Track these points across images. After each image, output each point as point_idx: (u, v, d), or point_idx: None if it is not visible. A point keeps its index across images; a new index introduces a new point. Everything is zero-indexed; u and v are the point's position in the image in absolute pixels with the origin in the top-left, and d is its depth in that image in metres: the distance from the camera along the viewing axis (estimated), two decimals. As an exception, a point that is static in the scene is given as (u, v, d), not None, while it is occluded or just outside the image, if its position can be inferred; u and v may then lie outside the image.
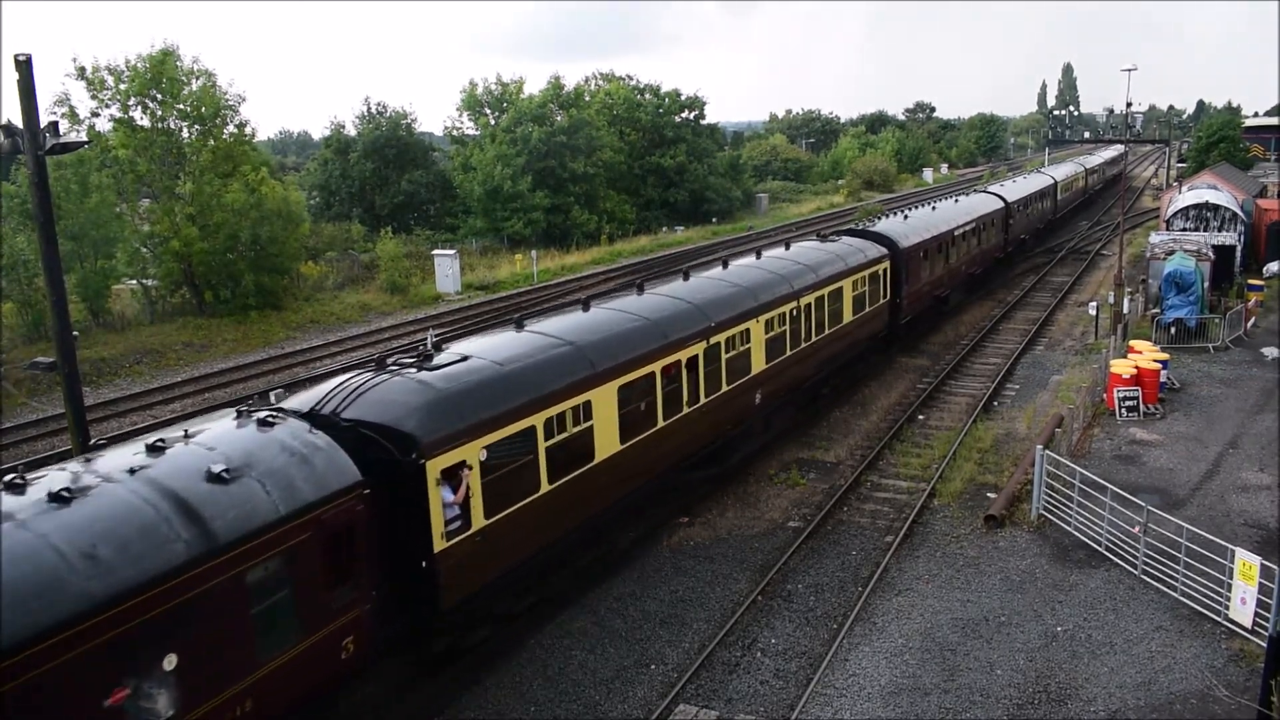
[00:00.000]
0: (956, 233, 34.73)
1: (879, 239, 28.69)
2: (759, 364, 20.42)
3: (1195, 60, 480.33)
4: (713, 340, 18.49)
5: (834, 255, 25.42)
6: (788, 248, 25.94)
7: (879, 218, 34.19)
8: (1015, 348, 31.87)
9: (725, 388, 19.05)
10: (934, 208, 37.25)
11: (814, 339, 23.06)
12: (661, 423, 17.01)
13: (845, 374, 26.40)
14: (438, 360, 13.78)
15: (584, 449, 14.98)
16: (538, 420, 13.81)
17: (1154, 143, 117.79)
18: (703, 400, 18.21)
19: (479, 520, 12.57)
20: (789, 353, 21.72)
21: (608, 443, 15.52)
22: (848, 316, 25.26)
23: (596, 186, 62.48)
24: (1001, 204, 42.62)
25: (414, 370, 13.20)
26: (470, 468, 12.35)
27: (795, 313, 21.91)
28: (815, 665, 13.92)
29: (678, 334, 17.59)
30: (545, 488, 14.02)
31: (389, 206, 58.50)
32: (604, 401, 15.35)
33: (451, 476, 12.05)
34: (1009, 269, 45.81)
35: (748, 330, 19.96)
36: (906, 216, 33.51)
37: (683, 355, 17.56)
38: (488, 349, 14.73)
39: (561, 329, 16.21)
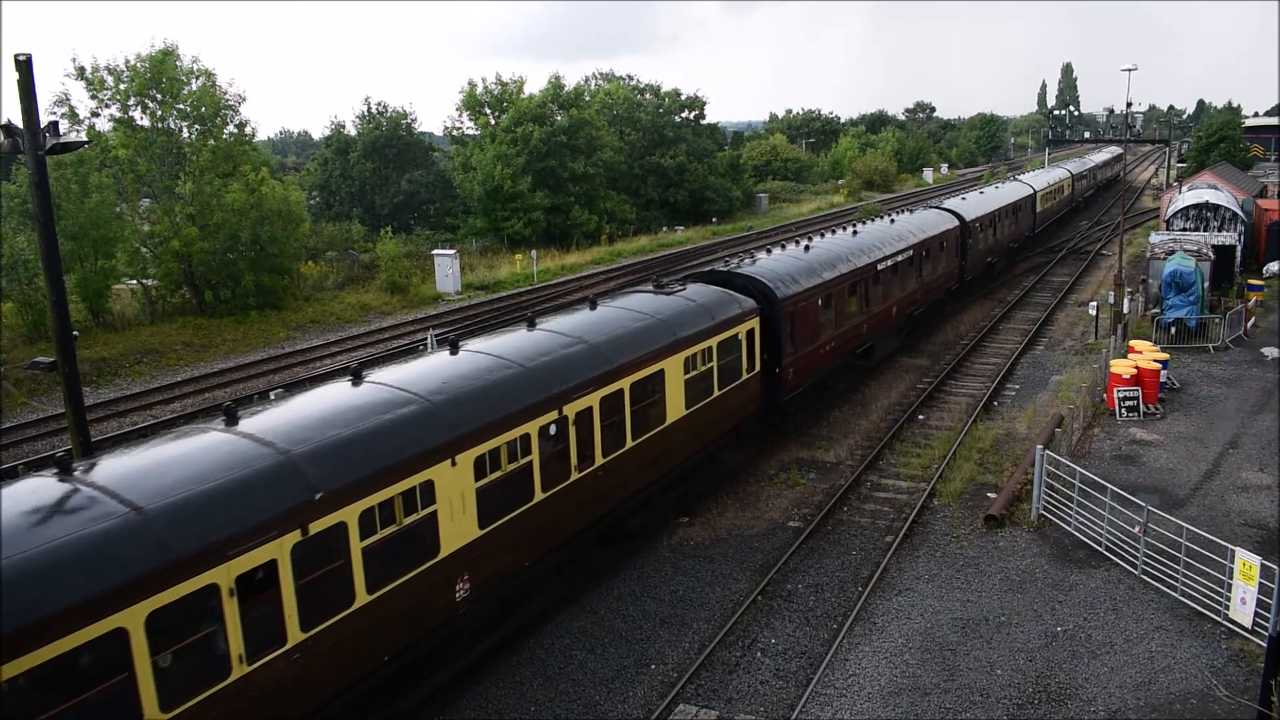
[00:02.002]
0: (884, 265, 27.93)
1: (749, 286, 21.27)
2: (535, 494, 13.97)
3: (1195, 60, 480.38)
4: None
5: (654, 321, 17.61)
6: (593, 307, 18.10)
7: (758, 254, 25.65)
8: (1015, 348, 31.86)
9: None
10: (855, 231, 29.98)
11: (610, 456, 15.64)
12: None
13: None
14: None
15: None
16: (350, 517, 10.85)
17: (1154, 143, 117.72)
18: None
19: None
20: (556, 489, 14.41)
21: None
22: (675, 410, 17.44)
23: (596, 186, 62.49)
24: (956, 223, 35.96)
25: None
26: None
27: (580, 419, 14.94)
28: (815, 665, 13.92)
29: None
30: (359, 601, 11.05)
31: (389, 206, 58.50)
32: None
33: None
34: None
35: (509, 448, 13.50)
36: (808, 247, 26.05)
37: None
38: (301, 408, 12.10)
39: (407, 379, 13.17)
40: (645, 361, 16.59)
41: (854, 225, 31.57)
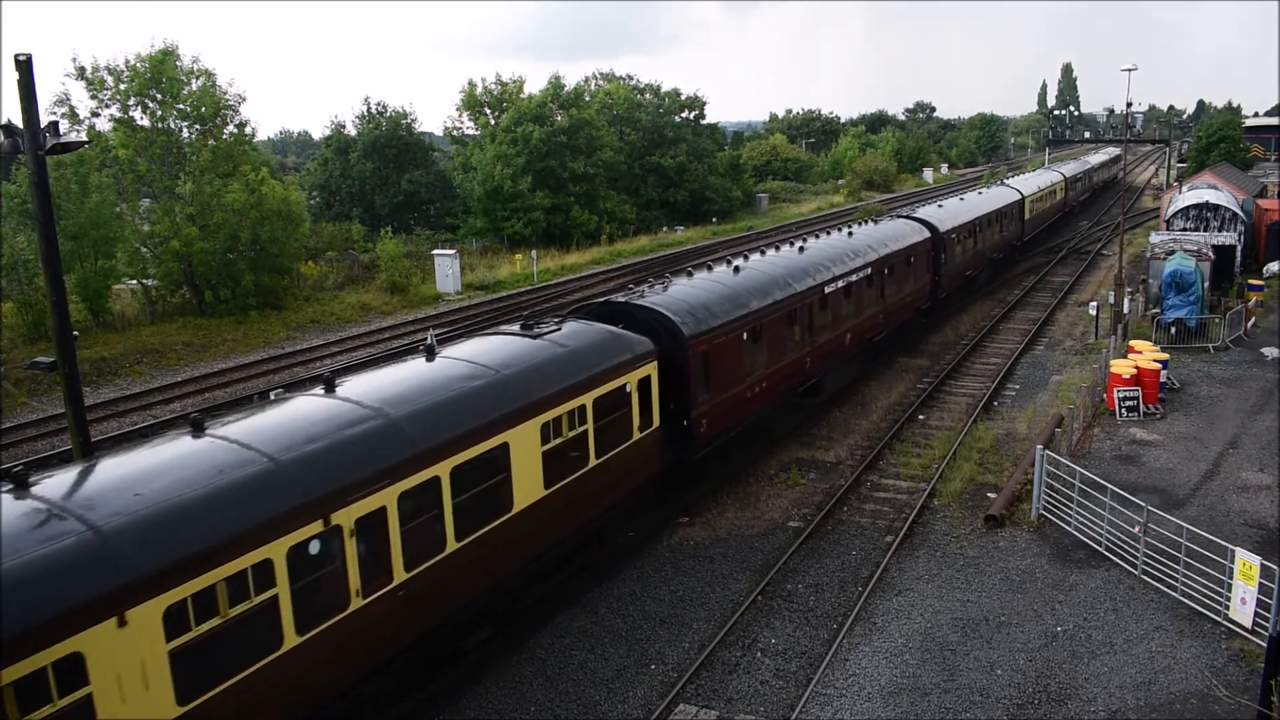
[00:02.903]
0: (834, 288, 24.11)
1: (650, 322, 17.65)
2: (285, 639, 10.18)
3: (1195, 60, 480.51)
4: None
5: (497, 379, 13.61)
6: (430, 357, 14.27)
7: (677, 278, 21.15)
8: (1015, 348, 31.86)
9: None
10: (801, 248, 25.39)
11: (418, 569, 11.78)
12: None
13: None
14: None
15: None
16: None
17: (1154, 143, 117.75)
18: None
19: None
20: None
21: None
22: (527, 493, 13.58)
23: (596, 186, 62.49)
24: (927, 234, 32.07)
25: None
26: None
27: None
28: (815, 665, 13.91)
29: None
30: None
31: (389, 206, 58.51)
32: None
33: None
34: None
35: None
36: (738, 269, 22.11)
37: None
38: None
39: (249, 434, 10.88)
40: (477, 436, 12.49)
41: (802, 241, 27.04)
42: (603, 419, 15.23)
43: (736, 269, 22.11)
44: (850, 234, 28.94)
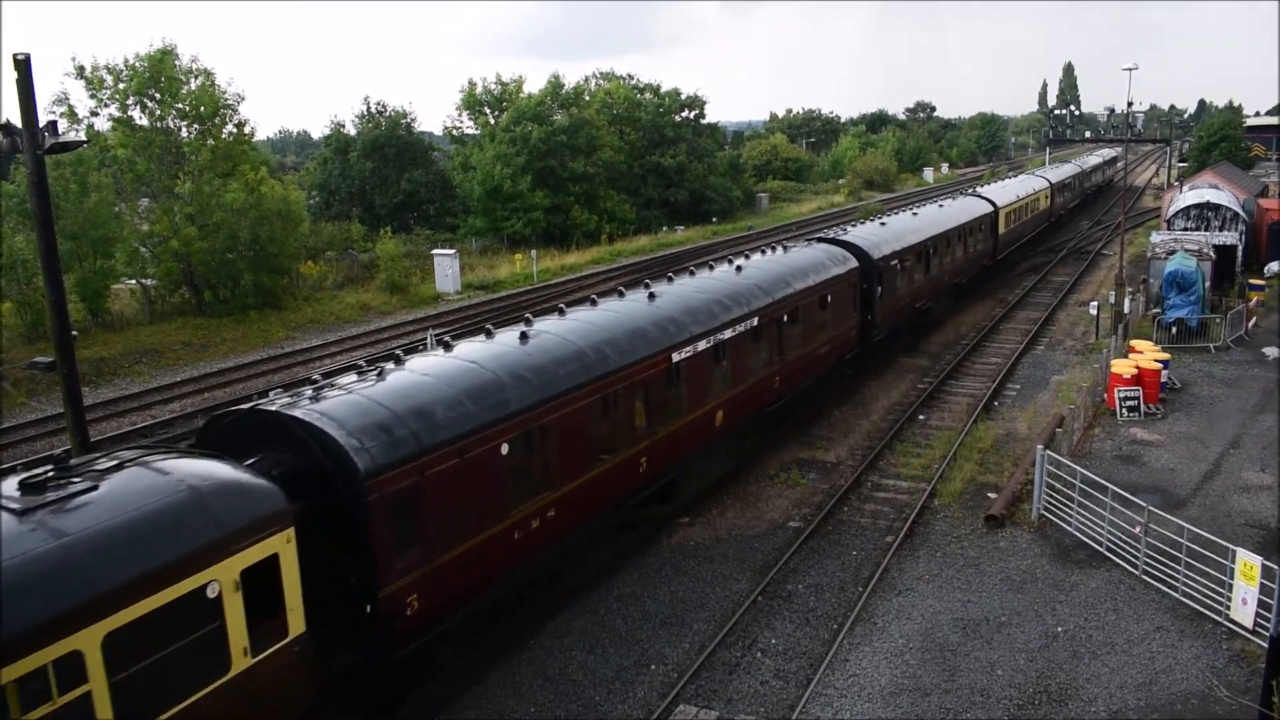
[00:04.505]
0: (686, 355, 17.62)
1: (312, 445, 11.22)
2: None
3: (1195, 60, 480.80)
4: None
5: None
6: None
7: (389, 366, 13.89)
8: (1016, 348, 31.83)
9: None
10: (652, 295, 18.79)
11: None
12: None
13: None
14: None
15: None
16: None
17: (1155, 142, 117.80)
18: None
19: None
20: None
21: None
22: None
23: (596, 186, 62.46)
24: (854, 264, 25.62)
25: None
26: None
27: None
28: (815, 665, 13.89)
29: None
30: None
31: (389, 206, 58.49)
32: None
33: None
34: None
35: None
36: (525, 335, 15.40)
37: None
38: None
39: None
40: None
41: (662, 283, 20.37)
42: (134, 663, 8.62)
43: (524, 335, 15.31)
44: (739, 269, 22.13)
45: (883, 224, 31.27)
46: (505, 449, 13.20)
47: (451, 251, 46.23)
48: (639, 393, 16.40)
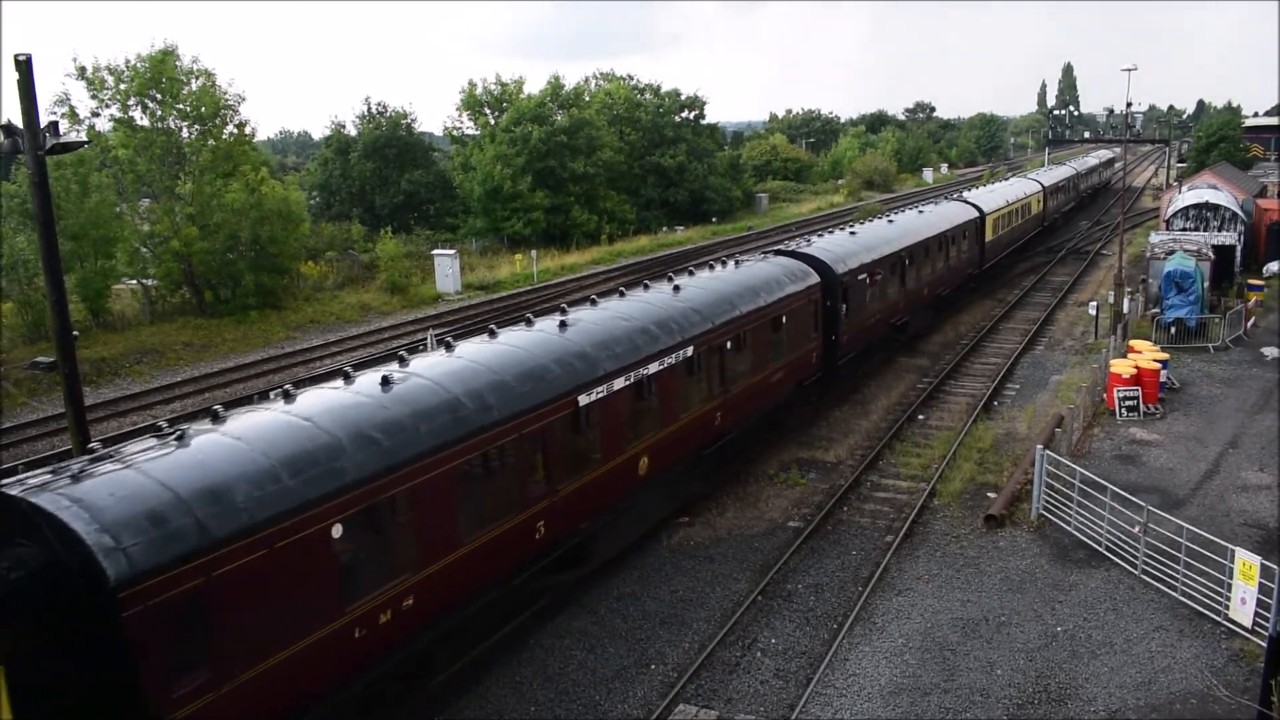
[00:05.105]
0: (595, 396, 15.24)
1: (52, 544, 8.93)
2: None
3: (1195, 60, 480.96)
4: None
5: None
6: None
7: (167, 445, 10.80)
8: (1015, 348, 31.86)
9: None
10: (562, 322, 16.45)
11: None
12: None
13: None
14: None
15: None
16: None
17: (1154, 142, 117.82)
18: None
19: None
20: None
21: None
22: None
23: (596, 186, 62.50)
24: (815, 280, 23.54)
25: None
26: None
27: None
28: (815, 665, 13.92)
29: None
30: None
31: (389, 206, 58.52)
32: None
33: None
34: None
35: None
36: (334, 392, 12.69)
37: None
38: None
39: None
40: None
41: (568, 314, 16.98)
42: None
43: (385, 382, 12.65)
44: (677, 289, 19.62)
45: (853, 233, 29.06)
46: (339, 530, 10.67)
47: (452, 252, 46.26)
48: (534, 445, 14.00)
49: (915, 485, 20.43)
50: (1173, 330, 29.90)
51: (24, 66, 13.78)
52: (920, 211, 35.81)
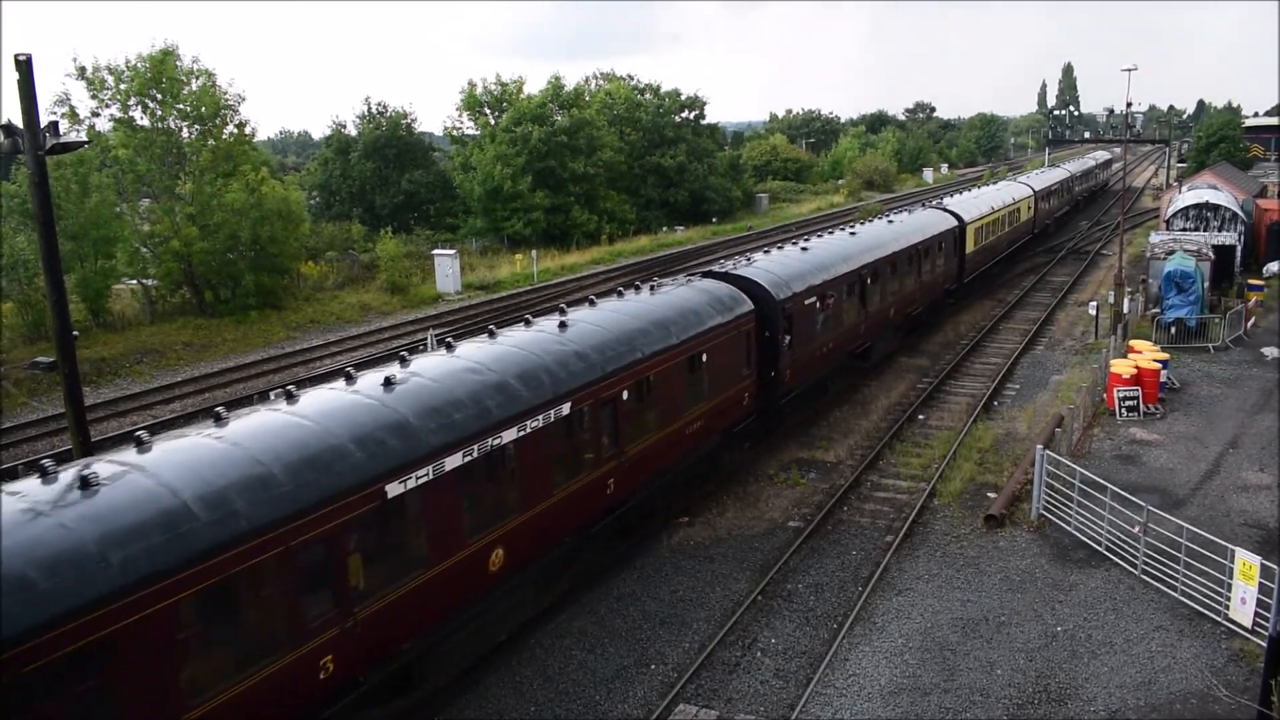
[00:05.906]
0: (444, 467, 11.98)
1: None
2: None
3: (1195, 60, 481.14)
4: None
5: None
6: None
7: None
8: (1015, 348, 31.86)
9: None
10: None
11: None
12: None
13: None
14: None
15: None
16: None
17: (1154, 142, 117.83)
18: None
19: None
20: None
21: None
22: None
23: (596, 186, 62.51)
24: (745, 308, 20.30)
25: None
26: None
27: None
28: (815, 665, 13.92)
29: None
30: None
31: (389, 206, 58.53)
32: None
33: None
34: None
35: None
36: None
37: None
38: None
39: None
40: None
41: (407, 366, 13.49)
42: None
43: (85, 483, 9.18)
44: (563, 325, 16.21)
45: (805, 249, 25.55)
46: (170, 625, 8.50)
47: (452, 252, 46.27)
48: (322, 553, 10.39)
49: (915, 485, 20.43)
50: (1173, 330, 29.90)
51: (24, 66, 13.77)
52: (890, 221, 32.75)
